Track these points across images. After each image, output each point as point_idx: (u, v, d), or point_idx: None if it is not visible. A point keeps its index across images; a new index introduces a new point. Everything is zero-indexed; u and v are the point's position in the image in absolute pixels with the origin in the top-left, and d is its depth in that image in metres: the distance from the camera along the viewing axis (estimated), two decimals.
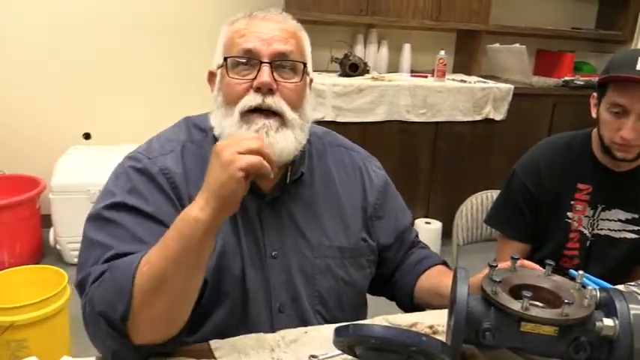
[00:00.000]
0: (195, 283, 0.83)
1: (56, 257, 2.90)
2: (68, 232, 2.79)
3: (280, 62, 0.95)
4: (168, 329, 0.83)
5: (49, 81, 3.08)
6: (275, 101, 0.93)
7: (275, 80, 0.93)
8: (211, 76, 1.03)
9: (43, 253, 2.95)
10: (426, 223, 3.18)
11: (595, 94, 1.39)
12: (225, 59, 0.96)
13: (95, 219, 0.91)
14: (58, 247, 2.86)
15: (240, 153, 0.77)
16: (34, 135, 3.10)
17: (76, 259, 2.76)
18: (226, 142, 0.80)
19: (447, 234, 3.07)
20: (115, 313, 0.79)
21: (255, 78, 0.93)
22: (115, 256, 0.85)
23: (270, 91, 0.93)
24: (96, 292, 0.81)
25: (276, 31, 0.96)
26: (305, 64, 0.99)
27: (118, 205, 0.91)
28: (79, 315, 0.85)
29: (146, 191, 0.92)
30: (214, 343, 0.88)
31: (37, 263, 2.78)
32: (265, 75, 0.92)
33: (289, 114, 0.95)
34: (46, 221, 2.90)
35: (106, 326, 0.79)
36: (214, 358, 0.85)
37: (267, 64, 0.93)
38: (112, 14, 3.10)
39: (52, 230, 2.87)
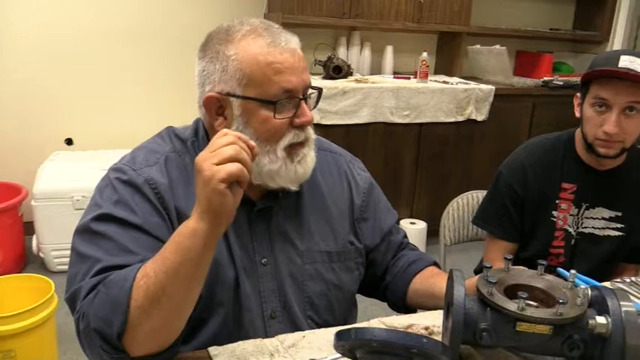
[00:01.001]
0: (193, 295, 0.84)
1: (39, 265, 2.86)
2: (52, 239, 2.75)
3: (308, 94, 0.98)
4: (165, 341, 0.84)
5: (30, 86, 3.03)
6: (310, 132, 0.98)
7: None
8: (212, 101, 0.94)
9: (26, 261, 2.91)
10: (411, 223, 3.21)
11: (578, 94, 1.42)
12: (262, 100, 0.92)
13: (83, 232, 0.91)
14: (41, 254, 2.81)
15: (219, 164, 0.77)
16: (15, 141, 3.06)
17: (59, 267, 2.77)
18: (204, 156, 0.79)
19: (431, 234, 3.10)
20: (111, 328, 0.79)
21: (295, 114, 0.94)
22: (105, 269, 0.85)
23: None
24: (90, 307, 0.81)
25: (300, 60, 0.95)
26: (321, 90, 1.03)
27: (105, 217, 0.90)
28: (65, 324, 0.85)
29: (133, 202, 0.92)
30: (213, 350, 0.88)
31: (20, 271, 2.74)
32: (308, 113, 0.95)
33: (313, 136, 1.00)
34: (29, 229, 2.85)
35: (101, 342, 0.79)
36: None
37: (304, 100, 0.95)
38: (94, 20, 3.07)
39: (34, 238, 2.83)
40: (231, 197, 0.78)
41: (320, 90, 1.02)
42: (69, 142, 3.20)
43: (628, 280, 1.25)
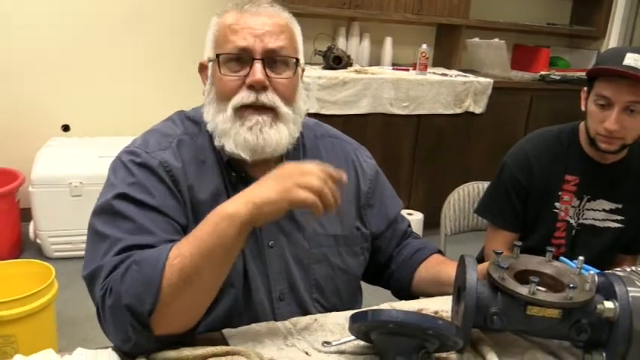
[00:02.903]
0: (222, 278, 0.86)
1: (36, 251, 2.85)
2: (49, 225, 2.74)
3: (272, 57, 0.96)
4: (190, 321, 0.85)
5: (27, 72, 3.01)
6: (269, 97, 0.95)
7: (267, 76, 0.95)
8: (202, 68, 1.04)
9: (22, 247, 2.90)
10: (409, 214, 3.22)
11: (585, 88, 1.44)
12: (218, 55, 0.97)
13: (101, 212, 0.92)
14: (38, 240, 2.80)
15: (300, 186, 0.81)
16: (12, 127, 3.03)
17: (57, 253, 2.76)
18: (292, 169, 0.84)
19: (428, 225, 3.13)
20: (143, 305, 0.80)
21: (248, 75, 0.94)
22: (126, 248, 0.86)
23: (263, 88, 0.95)
24: (121, 284, 0.81)
25: (267, 26, 0.96)
26: (297, 60, 1.00)
27: (123, 197, 0.91)
28: (65, 310, 0.84)
29: (149, 184, 0.93)
30: (227, 332, 0.90)
31: (16, 257, 2.73)
32: (258, 73, 0.94)
33: (283, 109, 0.97)
34: (26, 215, 2.84)
35: (131, 319, 0.80)
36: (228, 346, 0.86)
37: (260, 61, 0.94)
38: (92, 4, 3.04)
39: (31, 224, 2.81)
40: (283, 213, 0.83)
41: (297, 59, 1.00)
42: (65, 128, 3.18)
43: (628, 270, 1.28)
